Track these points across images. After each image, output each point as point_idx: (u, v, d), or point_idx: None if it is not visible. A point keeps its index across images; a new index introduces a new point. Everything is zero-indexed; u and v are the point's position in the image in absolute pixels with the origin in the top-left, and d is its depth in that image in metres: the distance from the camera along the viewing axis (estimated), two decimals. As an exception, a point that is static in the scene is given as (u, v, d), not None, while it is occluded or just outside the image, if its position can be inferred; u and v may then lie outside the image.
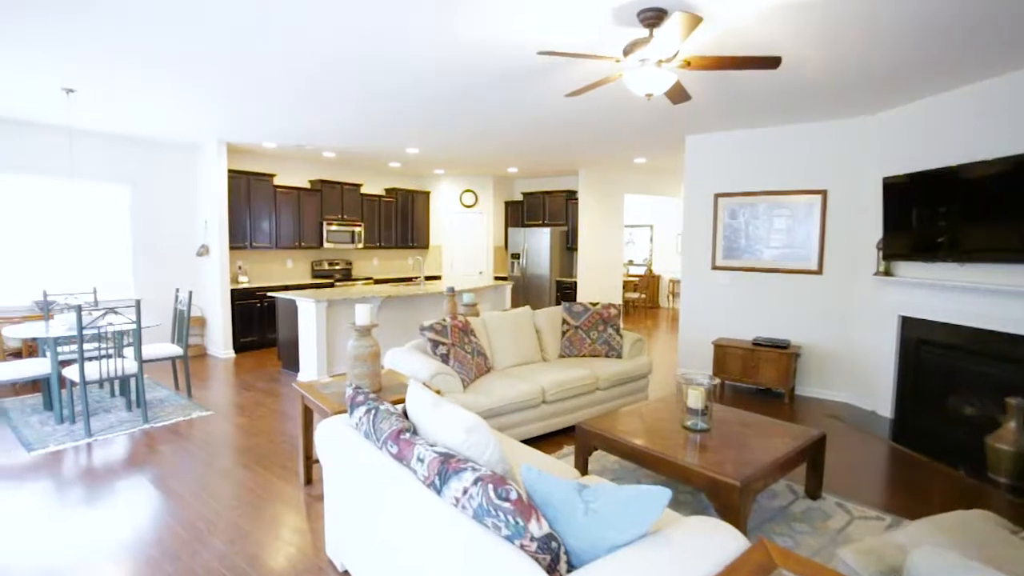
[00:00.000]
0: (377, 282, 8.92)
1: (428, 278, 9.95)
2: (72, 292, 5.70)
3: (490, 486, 1.38)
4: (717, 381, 3.16)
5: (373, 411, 2.00)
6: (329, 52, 3.49)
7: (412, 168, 9.08)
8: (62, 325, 4.35)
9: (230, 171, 7.03)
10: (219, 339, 6.88)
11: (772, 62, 2.72)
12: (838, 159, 5.14)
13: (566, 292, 9.42)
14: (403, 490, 1.70)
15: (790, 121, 5.27)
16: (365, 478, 1.97)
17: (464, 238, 10.24)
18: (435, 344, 3.85)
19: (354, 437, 2.10)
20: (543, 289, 9.55)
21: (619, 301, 9.68)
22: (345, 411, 2.77)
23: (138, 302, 4.28)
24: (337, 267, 8.71)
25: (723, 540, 1.53)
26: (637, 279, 12.07)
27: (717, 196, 5.91)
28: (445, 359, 3.82)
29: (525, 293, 9.75)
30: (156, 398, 5.04)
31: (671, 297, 12.46)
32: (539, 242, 9.57)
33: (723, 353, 5.52)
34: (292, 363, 6.05)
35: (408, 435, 1.79)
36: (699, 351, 6.09)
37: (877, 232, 4.76)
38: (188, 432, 4.23)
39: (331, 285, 8.11)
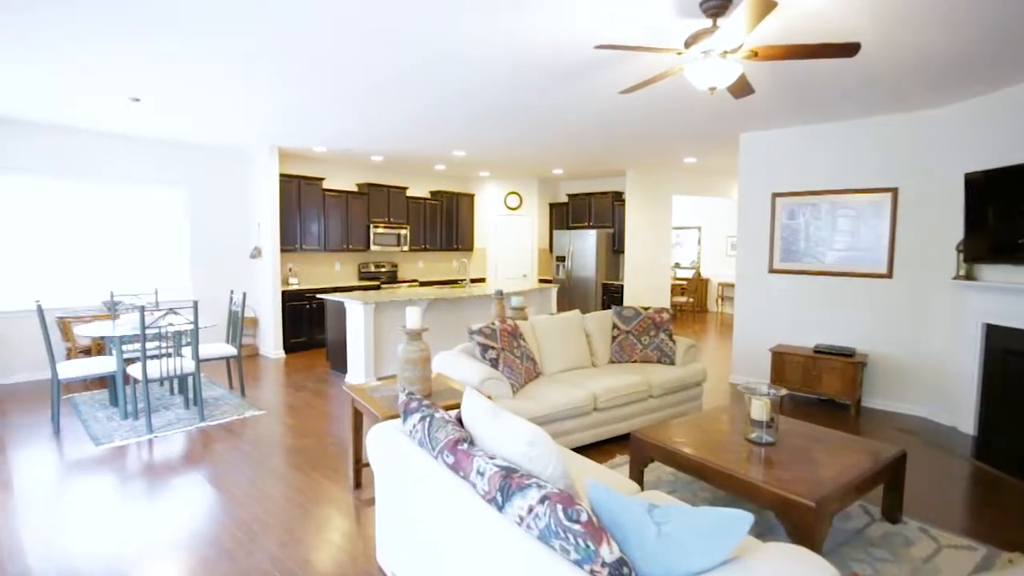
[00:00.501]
0: (422, 284, 8.97)
1: (472, 281, 9.95)
2: (136, 293, 5.94)
3: (559, 506, 1.28)
4: (783, 392, 2.97)
5: (428, 419, 1.94)
6: (379, 56, 3.49)
7: (457, 171, 9.10)
8: (127, 325, 4.51)
9: (281, 175, 7.20)
10: (270, 339, 7.04)
11: (850, 49, 2.53)
12: (911, 154, 4.81)
13: (612, 295, 9.23)
14: (461, 503, 1.62)
15: (857, 115, 4.96)
16: (419, 487, 1.91)
17: (508, 240, 10.19)
18: (484, 348, 3.78)
19: (407, 444, 2.05)
20: (589, 292, 9.39)
21: (667, 305, 9.42)
22: (396, 416, 2.73)
23: (195, 303, 4.39)
24: (383, 269, 8.81)
25: (811, 572, 1.38)
26: (685, 282, 11.73)
27: (774, 196, 5.64)
28: (494, 364, 3.74)
29: (570, 296, 9.62)
30: (212, 396, 5.18)
31: (720, 301, 12.06)
32: (585, 244, 9.42)
33: (781, 361, 5.24)
34: (340, 364, 6.12)
35: (466, 446, 1.71)
36: (754, 358, 5.82)
37: (956, 232, 4.42)
38: (241, 431, 4.31)
39: (377, 287, 8.20)
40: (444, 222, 9.61)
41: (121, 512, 3.03)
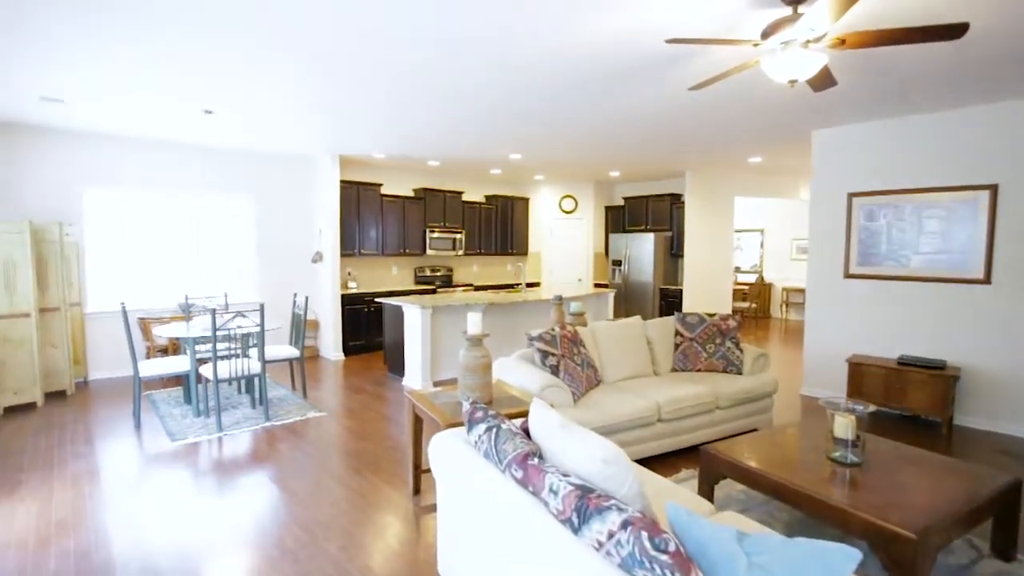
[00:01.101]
0: (477, 288, 8.99)
1: (527, 285, 9.89)
2: (208, 296, 6.22)
3: (644, 533, 1.18)
4: (871, 408, 2.72)
5: (494, 430, 1.87)
6: (440, 57, 3.48)
7: (512, 175, 9.07)
8: (199, 326, 4.71)
9: (341, 181, 7.38)
10: (330, 342, 7.22)
11: (956, 31, 2.29)
12: (1013, 147, 4.37)
13: (670, 300, 8.94)
14: (531, 521, 1.54)
15: (946, 106, 4.57)
16: (484, 501, 1.84)
17: (563, 244, 10.07)
18: (544, 355, 3.70)
19: (472, 456, 1.99)
20: (646, 297, 9.13)
21: (728, 311, 9.03)
22: (458, 424, 2.68)
23: (262, 306, 4.53)
24: (438, 273, 8.88)
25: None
26: (747, 287, 11.24)
27: (851, 196, 5.28)
28: (555, 371, 3.65)
29: (627, 301, 9.39)
30: (276, 397, 5.33)
31: (785, 307, 11.49)
32: (642, 248, 9.18)
33: (860, 372, 4.88)
34: (397, 367, 6.19)
35: (536, 460, 1.63)
36: (828, 369, 5.46)
37: (1067, 234, 3.97)
38: (304, 432, 4.40)
39: (433, 291, 8.27)
40: (499, 226, 9.60)
41: (194, 506, 3.13)
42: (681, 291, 8.75)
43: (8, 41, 3.19)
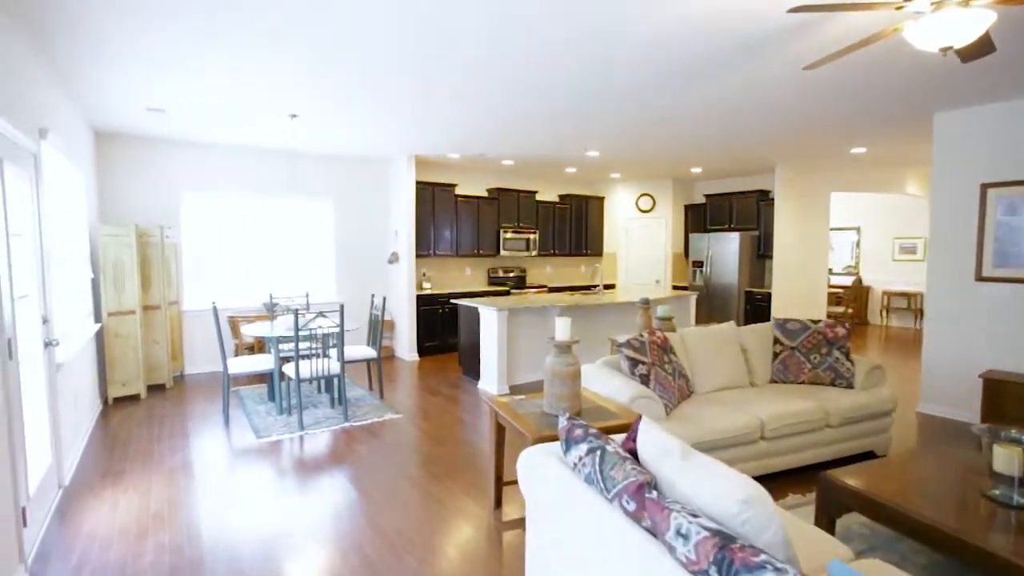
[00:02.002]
0: (551, 290, 8.79)
1: (604, 287, 9.58)
2: (291, 296, 6.40)
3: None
4: (1039, 437, 2.27)
5: (598, 452, 1.66)
6: (523, 51, 3.31)
7: (587, 173, 8.80)
8: (282, 326, 4.81)
9: (416, 182, 7.41)
10: (405, 342, 7.26)
11: None
12: None
13: (757, 304, 8.35)
14: (650, 567, 1.32)
15: (1114, 81, 3.88)
16: (586, 531, 1.63)
17: (640, 245, 9.67)
18: (633, 363, 3.44)
19: (570, 479, 1.79)
20: (730, 301, 8.58)
21: (822, 316, 8.31)
22: (548, 438, 2.49)
23: (341, 307, 4.55)
24: (512, 274, 8.76)
25: None
26: (842, 291, 10.35)
27: (984, 187, 4.62)
28: (644, 380, 3.38)
29: (709, 305, 8.87)
30: (353, 397, 5.38)
31: (885, 313, 10.48)
32: (725, 249, 8.63)
33: (999, 391, 4.25)
34: (472, 370, 6.10)
35: (654, 494, 1.40)
36: (953, 384, 4.82)
37: None
38: (381, 433, 4.37)
39: (506, 292, 8.15)
40: (573, 226, 9.36)
41: (277, 507, 3.13)
42: (769, 295, 8.15)
43: (124, 59, 3.34)
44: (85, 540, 2.80)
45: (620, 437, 2.30)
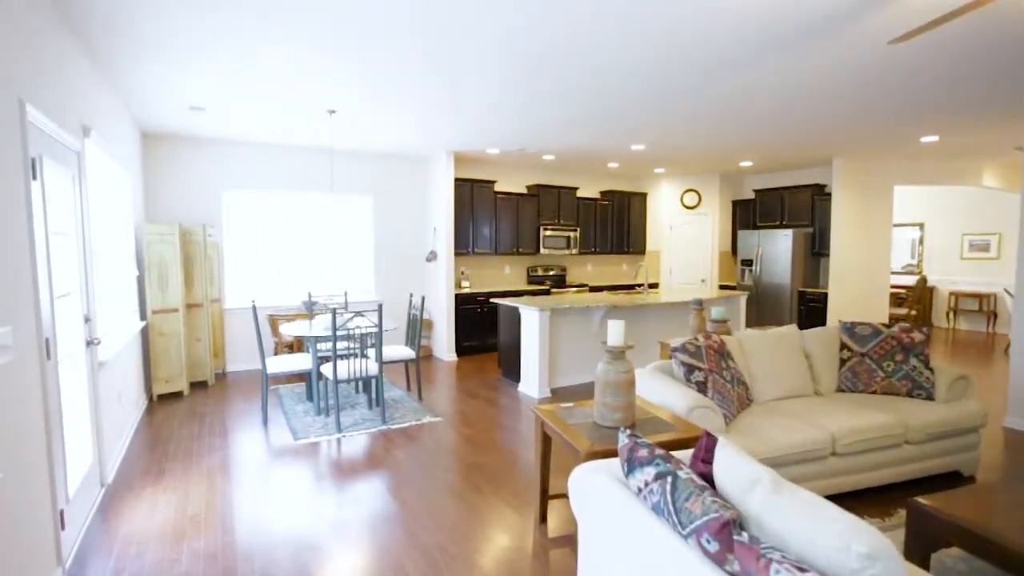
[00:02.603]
0: (592, 289, 8.53)
1: (640, 286, 9.27)
2: (330, 295, 6.36)
3: None
4: None
5: (669, 478, 1.44)
6: (568, 40, 3.09)
7: (630, 168, 8.50)
8: (320, 325, 4.74)
9: (455, 179, 7.28)
10: (443, 342, 7.14)
11: None
12: None
13: (811, 305, 7.88)
14: (743, 625, 1.10)
15: None
16: (653, 569, 1.42)
17: (685, 242, 9.30)
18: (689, 369, 3.18)
19: (634, 506, 1.57)
20: (781, 301, 8.14)
21: (884, 318, 7.79)
22: (603, 454, 2.28)
23: (380, 306, 4.44)
24: (551, 273, 8.54)
25: None
26: (904, 291, 9.71)
27: (1083, 178, 4.15)
28: (701, 388, 3.13)
29: (758, 305, 8.45)
30: (391, 398, 5.27)
31: (952, 315, 9.78)
32: (777, 246, 8.19)
33: (1102, 404, 3.79)
34: (512, 372, 5.92)
35: (744, 535, 1.18)
36: (1045, 396, 4.36)
37: None
38: (419, 437, 4.24)
39: (547, 292, 7.94)
40: (614, 223, 9.06)
41: (314, 515, 3.01)
42: (825, 295, 7.68)
43: (163, 54, 3.30)
44: (122, 543, 2.75)
45: (682, 454, 2.07)
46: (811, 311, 7.90)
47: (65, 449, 2.60)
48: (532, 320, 5.37)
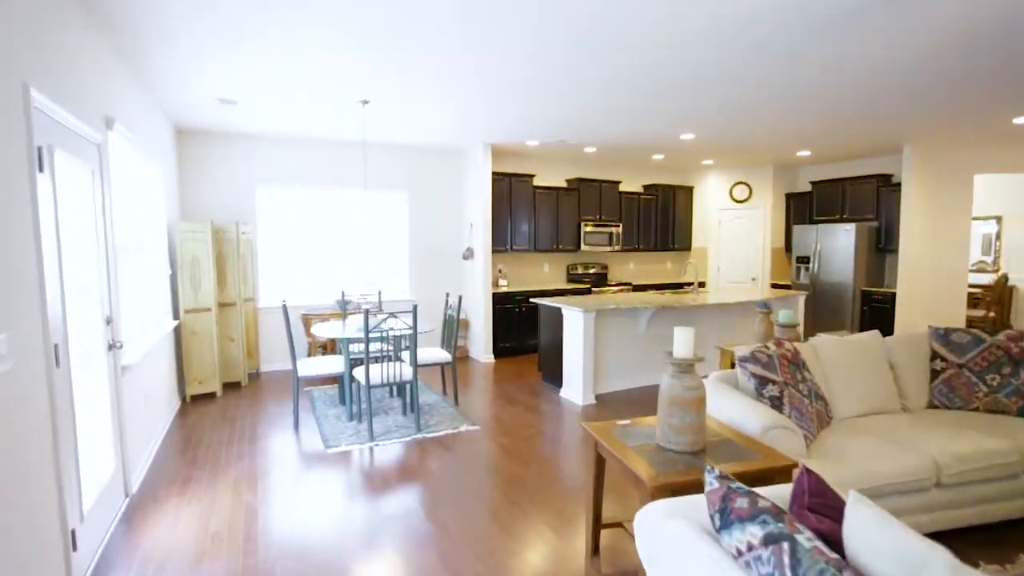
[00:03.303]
0: (635, 288, 8.12)
1: (688, 285, 8.79)
2: (364, 294, 6.17)
3: None
4: None
5: (785, 545, 1.10)
6: (612, 16, 2.74)
7: (676, 160, 8.03)
8: (353, 326, 4.53)
9: (493, 173, 6.98)
10: (480, 343, 6.86)
11: None
12: None
13: (877, 306, 7.27)
14: None
15: None
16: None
17: (734, 238, 8.77)
18: (761, 381, 2.79)
19: (725, 567, 1.23)
20: (842, 302, 7.54)
21: (961, 321, 7.10)
22: (672, 487, 1.93)
23: (414, 308, 4.18)
24: (592, 271, 8.16)
25: None
26: (980, 291, 8.91)
27: None
28: (776, 403, 2.73)
29: (816, 307, 7.86)
30: (426, 403, 5.02)
31: (1033, 317, 8.92)
32: (837, 242, 7.58)
33: None
34: (553, 375, 5.59)
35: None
36: None
37: None
38: (455, 447, 3.96)
39: (587, 291, 7.57)
40: (659, 219, 8.61)
41: (343, 536, 2.76)
42: (892, 295, 7.06)
43: (193, 43, 3.11)
44: (141, 562, 2.55)
45: (771, 491, 1.71)
46: (876, 312, 7.28)
47: (79, 463, 2.42)
48: (576, 322, 5.02)
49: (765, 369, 2.85)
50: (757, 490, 1.71)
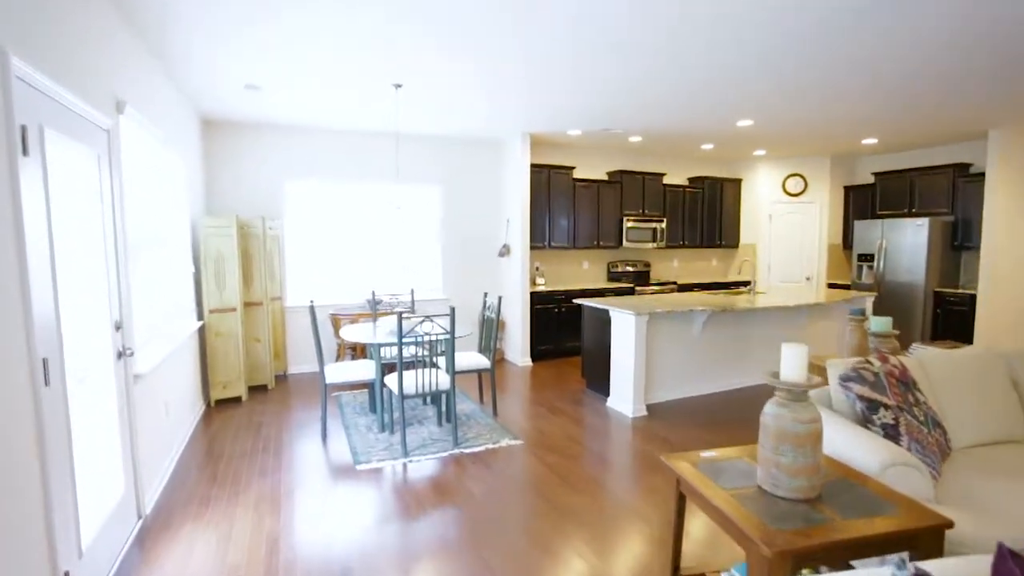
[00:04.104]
0: (680, 288, 7.60)
1: (736, 284, 8.24)
2: (394, 294, 5.84)
3: None
4: None
5: None
6: None
7: (726, 151, 7.48)
8: (384, 329, 4.19)
9: (531, 165, 6.56)
10: (517, 346, 6.47)
11: None
12: None
13: (952, 309, 6.61)
14: None
15: None
16: None
17: (786, 234, 8.17)
18: (870, 405, 2.33)
19: None
20: (912, 303, 6.89)
21: (1048, 326, 6.39)
22: (797, 553, 1.50)
23: (452, 311, 3.80)
24: (633, 269, 7.68)
25: None
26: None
27: None
28: (892, 433, 2.26)
29: (879, 309, 7.22)
30: (462, 412, 4.65)
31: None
32: (905, 239, 6.94)
33: None
34: (598, 382, 5.16)
35: None
36: None
37: None
38: (497, 466, 3.58)
39: (630, 290, 7.10)
40: (705, 213, 8.06)
41: (370, 567, 2.41)
42: (971, 297, 6.40)
43: (212, 22, 2.79)
44: (148, 604, 2.24)
45: (936, 565, 1.26)
46: (951, 316, 6.63)
47: (76, 494, 2.11)
48: (626, 326, 4.58)
49: (873, 390, 2.38)
50: (927, 567, 1.26)
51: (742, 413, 4.64)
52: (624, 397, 4.62)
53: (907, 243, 6.95)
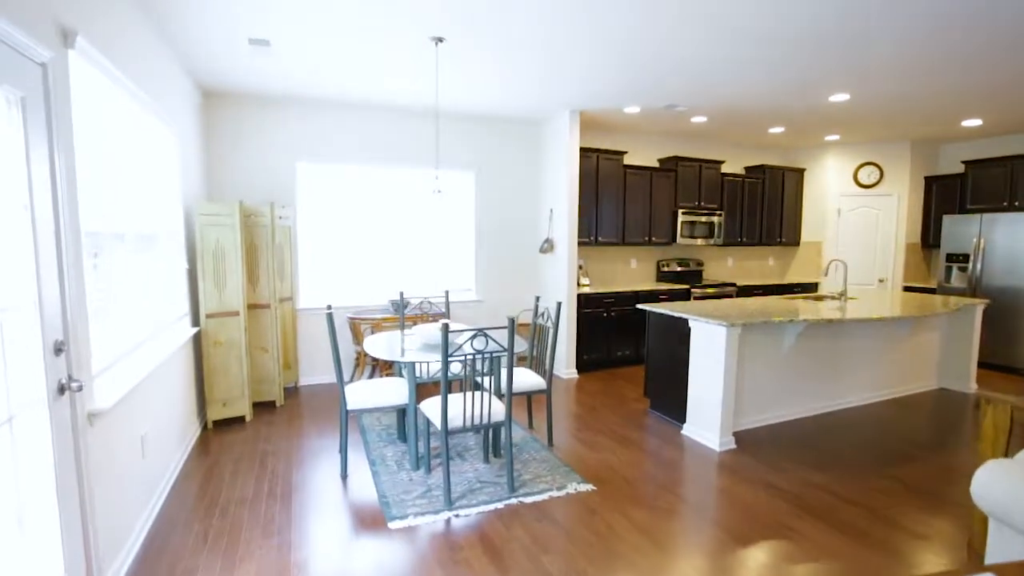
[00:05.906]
0: (740, 291, 6.73)
1: (796, 287, 7.34)
2: (426, 296, 5.04)
3: None
4: None
5: None
6: None
7: (795, 136, 6.59)
8: (416, 340, 3.38)
9: (579, 149, 5.71)
10: (561, 355, 5.64)
11: None
12: None
13: (1066, 318, 5.68)
14: None
15: None
16: None
17: (856, 231, 7.26)
18: None
19: None
20: (1017, 312, 5.97)
21: None
22: None
23: (512, 321, 2.96)
24: (684, 269, 6.81)
25: None
26: None
27: None
28: None
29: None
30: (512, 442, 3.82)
31: None
32: (1006, 236, 6.01)
33: None
34: (666, 403, 4.31)
35: None
36: None
37: None
38: (568, 523, 2.75)
39: (686, 293, 6.25)
40: (764, 207, 7.17)
41: None
42: (1090, 304, 5.47)
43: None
44: None
45: None
46: (1063, 326, 5.71)
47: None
48: (712, 339, 3.72)
49: None
50: None
51: (850, 443, 3.77)
52: (707, 425, 3.77)
53: (1010, 242, 6.02)
